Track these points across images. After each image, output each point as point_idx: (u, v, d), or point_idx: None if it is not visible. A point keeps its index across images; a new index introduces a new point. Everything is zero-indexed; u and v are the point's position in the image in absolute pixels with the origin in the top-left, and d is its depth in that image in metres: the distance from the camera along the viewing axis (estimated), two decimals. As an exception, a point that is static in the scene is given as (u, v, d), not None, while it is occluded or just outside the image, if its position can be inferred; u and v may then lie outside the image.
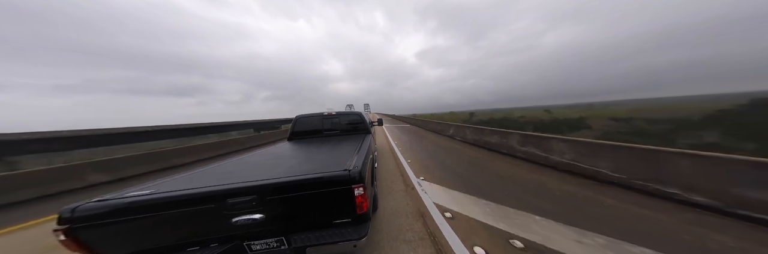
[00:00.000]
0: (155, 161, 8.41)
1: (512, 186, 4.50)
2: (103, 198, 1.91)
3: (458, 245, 2.64)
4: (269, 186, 1.94)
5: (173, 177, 2.56)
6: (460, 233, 2.89)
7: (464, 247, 2.60)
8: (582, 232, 2.77)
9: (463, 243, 2.68)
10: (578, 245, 2.55)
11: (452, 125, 13.56)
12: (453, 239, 2.76)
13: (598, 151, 4.69)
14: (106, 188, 6.26)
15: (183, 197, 1.84)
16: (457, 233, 2.89)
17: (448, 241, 2.73)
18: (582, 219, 3.08)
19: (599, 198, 3.73)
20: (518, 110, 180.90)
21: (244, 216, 1.87)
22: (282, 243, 2.02)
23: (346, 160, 2.58)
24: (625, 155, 4.24)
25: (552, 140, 5.88)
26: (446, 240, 2.76)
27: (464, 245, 2.64)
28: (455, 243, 2.67)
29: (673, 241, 2.56)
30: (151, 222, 1.80)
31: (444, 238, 2.80)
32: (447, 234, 2.87)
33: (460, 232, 2.91)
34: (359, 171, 2.10)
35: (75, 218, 1.71)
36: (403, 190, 4.59)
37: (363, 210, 2.05)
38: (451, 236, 2.83)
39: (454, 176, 5.39)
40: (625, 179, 4.15)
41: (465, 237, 2.81)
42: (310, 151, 3.77)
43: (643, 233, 2.74)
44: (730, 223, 2.87)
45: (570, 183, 4.48)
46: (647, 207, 3.37)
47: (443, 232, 2.92)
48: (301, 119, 5.97)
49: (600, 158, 4.63)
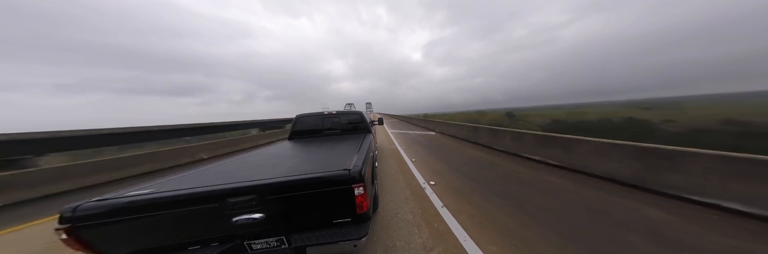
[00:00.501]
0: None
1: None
2: (104, 197, 1.92)
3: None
4: (269, 186, 1.94)
5: (174, 177, 2.57)
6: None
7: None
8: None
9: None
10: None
11: (496, 130, 8.60)
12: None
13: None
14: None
15: (183, 196, 1.85)
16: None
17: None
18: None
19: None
20: (543, 108, 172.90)
21: (244, 215, 1.88)
22: (282, 242, 2.03)
23: (346, 159, 2.58)
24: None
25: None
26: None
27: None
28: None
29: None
30: (152, 221, 1.81)
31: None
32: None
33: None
34: (359, 171, 2.10)
35: (76, 217, 1.72)
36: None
37: (363, 210, 2.05)
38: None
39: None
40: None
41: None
42: (310, 150, 3.77)
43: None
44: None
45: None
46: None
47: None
48: (301, 118, 5.97)
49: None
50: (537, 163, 6.02)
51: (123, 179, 7.13)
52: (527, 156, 6.58)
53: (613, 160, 4.46)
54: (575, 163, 5.18)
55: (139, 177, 7.33)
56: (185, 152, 9.90)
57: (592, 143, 4.92)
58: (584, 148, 5.08)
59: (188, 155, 9.91)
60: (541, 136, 6.40)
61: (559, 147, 5.71)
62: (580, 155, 5.12)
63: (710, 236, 2.67)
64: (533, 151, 6.48)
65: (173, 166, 8.82)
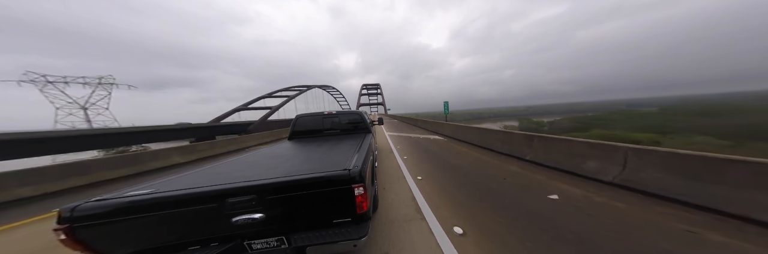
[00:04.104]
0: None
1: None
2: (103, 197, 1.91)
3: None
4: (269, 186, 1.94)
5: (173, 177, 2.57)
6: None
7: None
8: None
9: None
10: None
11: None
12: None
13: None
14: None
15: (183, 196, 1.85)
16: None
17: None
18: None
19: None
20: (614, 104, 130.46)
21: (244, 215, 1.87)
22: (282, 242, 2.03)
23: (346, 159, 2.58)
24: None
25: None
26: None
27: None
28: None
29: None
30: (151, 221, 1.80)
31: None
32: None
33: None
34: (359, 171, 2.10)
35: (75, 217, 1.71)
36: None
37: (363, 210, 2.05)
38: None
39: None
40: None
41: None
42: (310, 150, 3.77)
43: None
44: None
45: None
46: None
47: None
48: (301, 118, 6.01)
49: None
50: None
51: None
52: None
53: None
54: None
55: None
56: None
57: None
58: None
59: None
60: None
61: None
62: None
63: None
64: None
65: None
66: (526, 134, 6.83)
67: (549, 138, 5.94)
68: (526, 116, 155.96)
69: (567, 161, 5.22)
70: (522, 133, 7.08)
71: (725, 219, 2.85)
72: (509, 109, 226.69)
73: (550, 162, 5.56)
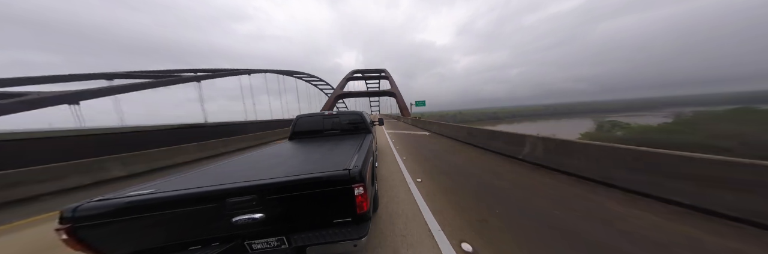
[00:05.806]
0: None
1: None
2: (105, 197, 1.92)
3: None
4: (269, 186, 1.95)
5: (174, 177, 2.57)
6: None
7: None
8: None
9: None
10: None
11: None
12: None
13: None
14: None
15: (184, 196, 1.85)
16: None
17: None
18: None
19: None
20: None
21: (244, 215, 1.88)
22: (282, 242, 2.03)
23: (347, 159, 2.58)
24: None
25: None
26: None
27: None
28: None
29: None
30: (152, 221, 1.81)
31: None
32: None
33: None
34: (359, 171, 2.10)
35: (77, 217, 1.72)
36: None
37: (363, 210, 2.05)
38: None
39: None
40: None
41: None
42: (310, 150, 3.78)
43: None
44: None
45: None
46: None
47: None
48: (301, 118, 6.03)
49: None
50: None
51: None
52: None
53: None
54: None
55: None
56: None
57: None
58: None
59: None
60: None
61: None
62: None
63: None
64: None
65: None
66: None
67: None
68: (543, 116, 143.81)
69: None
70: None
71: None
72: (524, 108, 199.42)
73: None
